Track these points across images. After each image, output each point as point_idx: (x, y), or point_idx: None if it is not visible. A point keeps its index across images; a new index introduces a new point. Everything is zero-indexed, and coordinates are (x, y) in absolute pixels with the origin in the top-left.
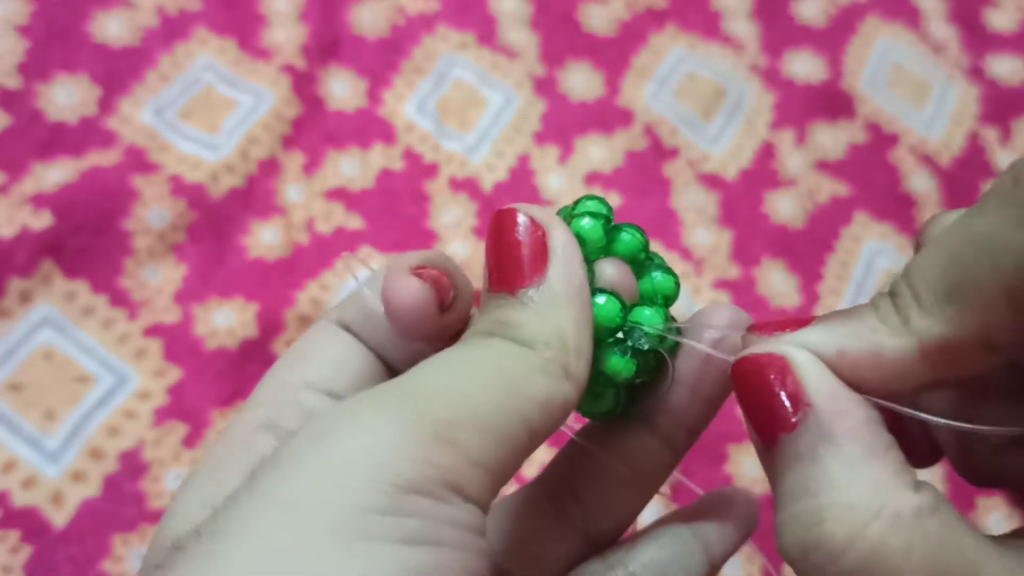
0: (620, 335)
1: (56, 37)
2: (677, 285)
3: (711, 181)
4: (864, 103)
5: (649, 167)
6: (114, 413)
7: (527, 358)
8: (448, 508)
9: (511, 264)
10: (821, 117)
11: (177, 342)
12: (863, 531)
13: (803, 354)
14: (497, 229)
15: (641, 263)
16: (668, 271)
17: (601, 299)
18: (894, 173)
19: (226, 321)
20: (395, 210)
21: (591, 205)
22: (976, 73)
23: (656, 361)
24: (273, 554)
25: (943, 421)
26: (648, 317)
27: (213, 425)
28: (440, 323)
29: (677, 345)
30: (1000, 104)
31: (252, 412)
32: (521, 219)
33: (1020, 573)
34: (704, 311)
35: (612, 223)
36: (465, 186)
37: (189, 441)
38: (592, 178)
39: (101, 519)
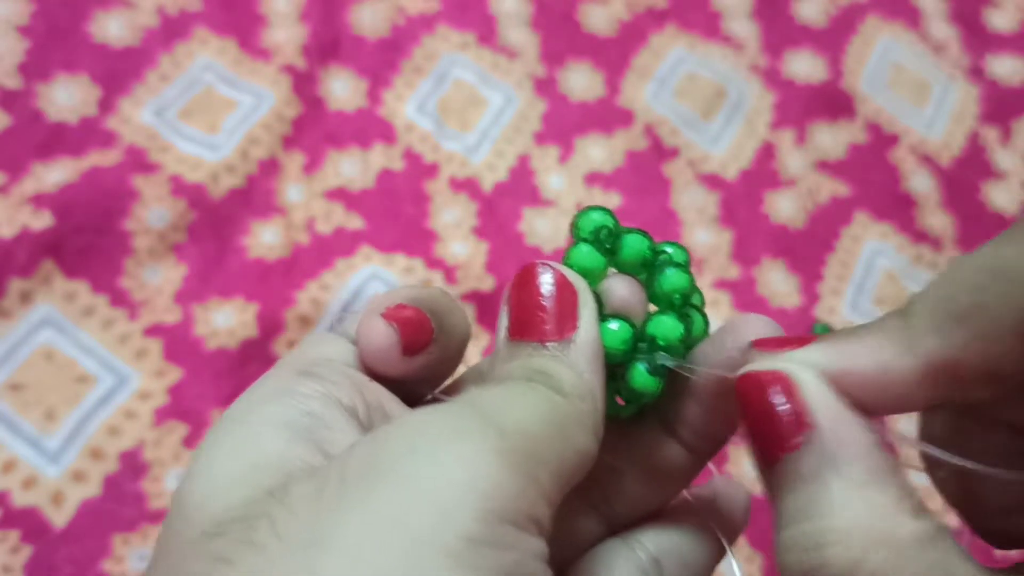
0: (641, 347)
1: (56, 37)
2: (691, 279)
3: (711, 181)
4: (864, 103)
5: (649, 167)
6: (114, 413)
7: (567, 408)
8: (536, 542)
9: (544, 317)
10: (821, 117)
11: (177, 342)
12: (864, 558)
13: (807, 373)
14: (527, 282)
15: (651, 264)
16: (679, 267)
17: (613, 325)
18: (894, 173)
19: (226, 321)
20: (395, 210)
21: (595, 218)
22: (976, 73)
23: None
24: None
25: (960, 460)
26: (667, 327)
27: (213, 425)
28: (405, 365)
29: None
30: (1000, 104)
31: (284, 366)
32: (553, 276)
33: None
34: (735, 322)
35: (617, 228)
36: (465, 186)
37: (189, 441)
38: (592, 178)
39: (101, 519)
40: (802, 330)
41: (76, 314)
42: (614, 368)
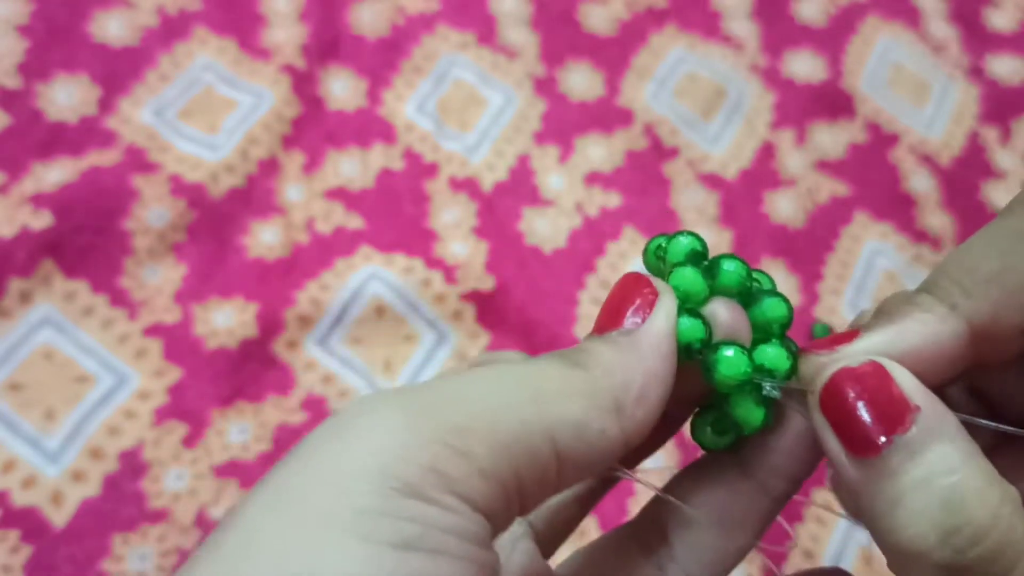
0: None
1: (56, 37)
2: (790, 308)
3: (711, 181)
4: (864, 103)
5: (649, 167)
6: (114, 413)
7: (570, 377)
8: (451, 516)
9: (613, 312)
10: (821, 117)
11: (177, 342)
12: (999, 512)
13: (888, 360)
14: (621, 285)
15: (749, 292)
16: (778, 295)
17: (728, 352)
18: (894, 173)
19: (226, 321)
20: (395, 210)
21: (686, 243)
22: (976, 73)
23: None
24: (272, 551)
25: (994, 425)
26: (772, 357)
27: (213, 425)
28: None
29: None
30: (1000, 104)
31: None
32: (644, 283)
33: None
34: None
35: (707, 255)
36: (465, 186)
37: (189, 441)
38: (592, 178)
39: (101, 519)
40: (802, 330)
41: (76, 314)
42: (714, 398)
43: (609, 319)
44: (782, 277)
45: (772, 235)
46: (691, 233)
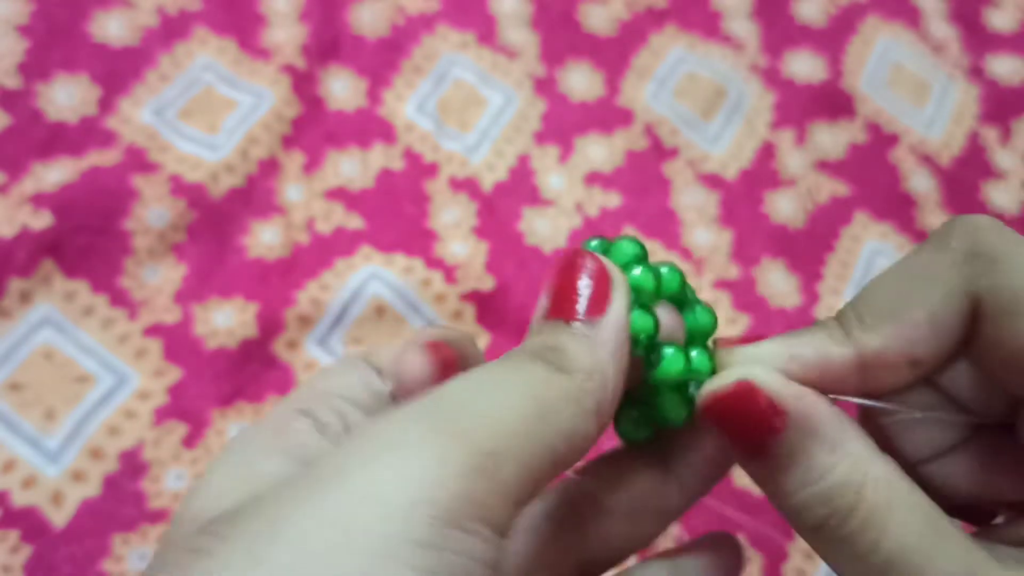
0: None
1: (56, 37)
2: (715, 319)
3: (711, 181)
4: (864, 103)
5: (649, 167)
6: (114, 413)
7: (562, 384)
8: (483, 546)
9: (575, 297)
10: (821, 117)
11: (177, 342)
12: (860, 494)
13: (759, 369)
14: (568, 264)
15: (683, 300)
16: (706, 306)
17: (670, 350)
18: (894, 173)
19: (226, 321)
20: (395, 210)
21: (629, 248)
22: (976, 73)
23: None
24: (320, 571)
25: (879, 403)
26: (701, 361)
27: (213, 425)
28: None
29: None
30: (1000, 104)
31: (288, 403)
32: (593, 262)
33: (953, 544)
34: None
35: (648, 261)
36: (465, 186)
37: (189, 441)
38: (592, 178)
39: (101, 519)
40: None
41: (76, 314)
42: (640, 393)
43: (568, 304)
44: (782, 277)
45: (772, 235)
46: (633, 239)
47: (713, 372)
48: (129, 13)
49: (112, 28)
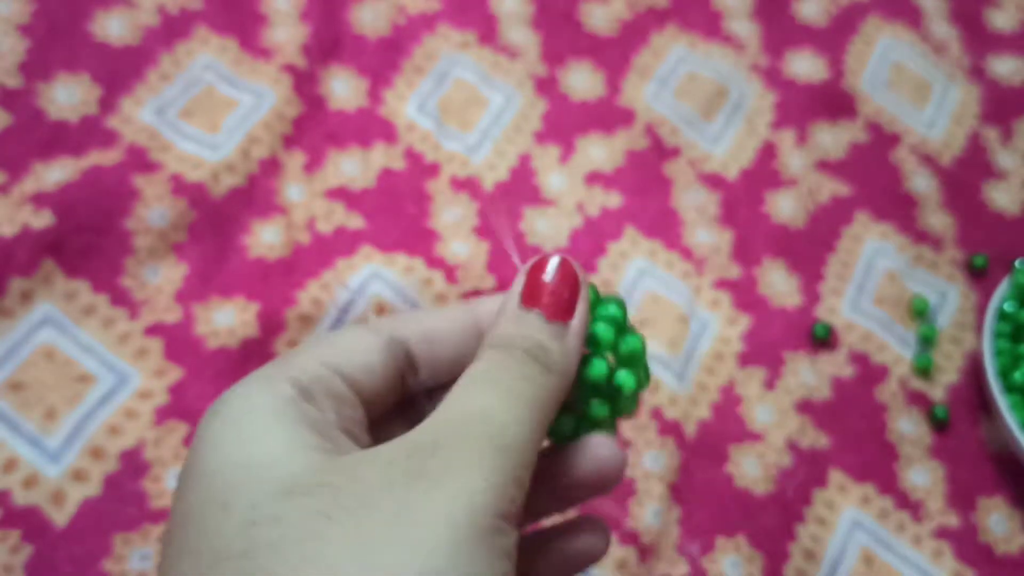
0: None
1: (57, 36)
2: (644, 345)
3: (712, 181)
4: (865, 103)
5: (650, 167)
6: (115, 412)
7: (551, 385)
8: (513, 540)
9: (553, 298)
10: (822, 117)
11: (178, 341)
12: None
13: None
14: (546, 265)
15: (623, 327)
16: (637, 334)
17: (600, 362)
18: (895, 173)
19: (227, 320)
20: (396, 210)
21: (613, 310)
22: (977, 73)
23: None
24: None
25: None
26: (625, 379)
27: None
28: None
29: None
30: (1001, 104)
31: (275, 370)
32: (567, 267)
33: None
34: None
35: (624, 320)
36: (466, 186)
37: (190, 440)
38: (593, 178)
39: (102, 518)
40: (803, 331)
41: (76, 313)
42: (574, 401)
43: (561, 309)
44: (783, 277)
45: (773, 235)
46: (620, 302)
47: (636, 387)
48: (130, 12)
49: (113, 27)
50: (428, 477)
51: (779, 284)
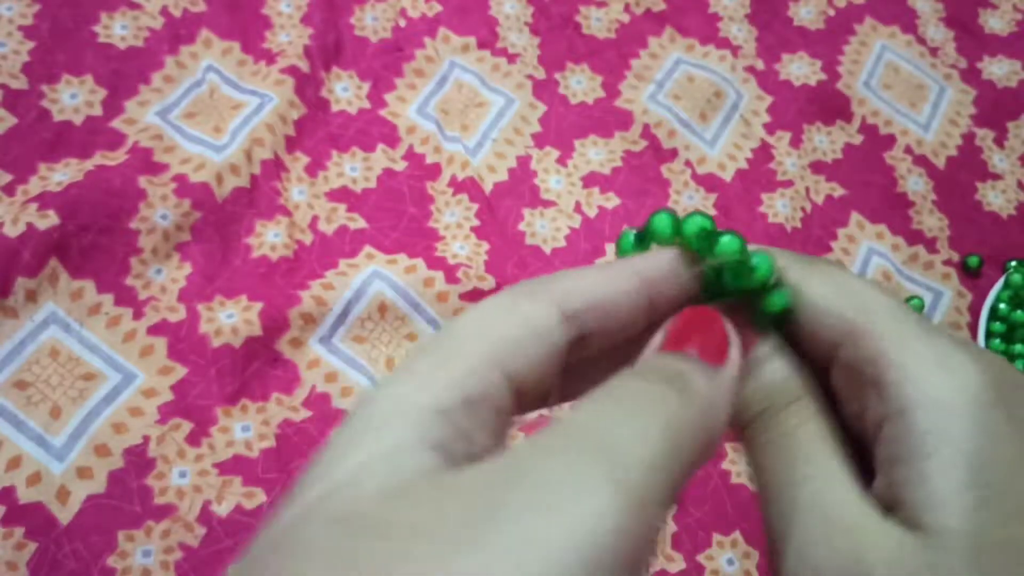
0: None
1: (62, 39)
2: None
3: (709, 182)
4: (860, 105)
5: (648, 168)
6: (119, 410)
7: (688, 416)
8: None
9: (719, 346)
10: (818, 119)
11: (182, 340)
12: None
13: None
14: (721, 324)
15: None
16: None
17: (726, 237)
18: (890, 174)
19: (230, 319)
20: (397, 210)
21: (700, 220)
22: (972, 75)
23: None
24: None
25: None
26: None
27: (218, 422)
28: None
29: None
30: (995, 106)
31: (429, 367)
32: (712, 314)
33: None
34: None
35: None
36: (466, 187)
37: (193, 438)
38: (591, 179)
39: (106, 515)
40: None
41: (82, 312)
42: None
43: (717, 352)
44: None
45: (769, 236)
46: (701, 214)
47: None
48: (134, 15)
49: (117, 30)
50: (495, 518)
51: None
